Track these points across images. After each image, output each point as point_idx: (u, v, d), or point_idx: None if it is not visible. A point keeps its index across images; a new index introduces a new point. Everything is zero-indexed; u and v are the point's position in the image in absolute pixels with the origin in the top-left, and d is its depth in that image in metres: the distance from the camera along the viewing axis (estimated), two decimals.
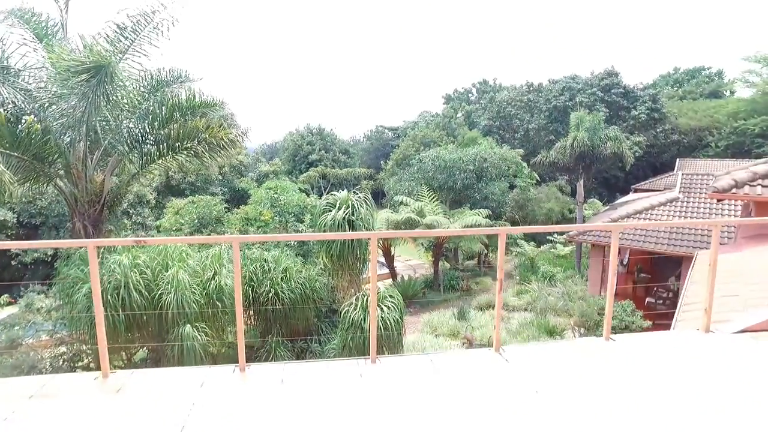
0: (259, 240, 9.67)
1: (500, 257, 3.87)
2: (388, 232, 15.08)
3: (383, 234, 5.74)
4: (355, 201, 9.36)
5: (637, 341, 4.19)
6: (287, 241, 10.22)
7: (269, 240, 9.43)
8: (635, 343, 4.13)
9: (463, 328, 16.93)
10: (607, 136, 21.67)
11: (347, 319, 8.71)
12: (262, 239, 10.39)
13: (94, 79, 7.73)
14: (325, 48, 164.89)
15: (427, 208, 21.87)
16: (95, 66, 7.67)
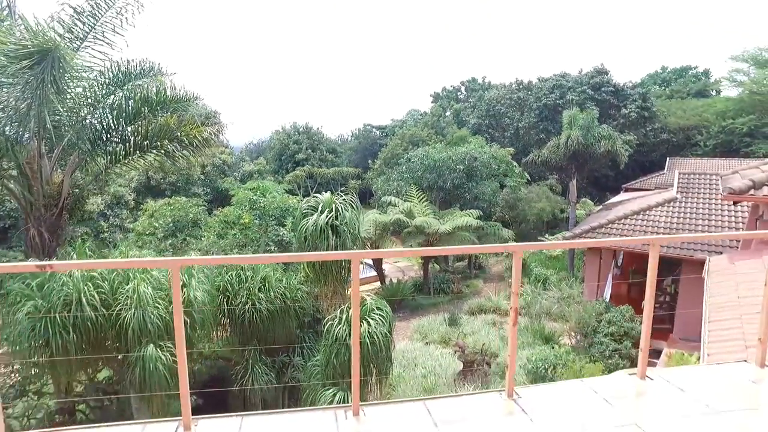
0: (204, 263, 7.69)
1: (515, 281, 3.11)
2: (371, 252, 14.18)
3: (365, 254, 4.68)
4: (340, 203, 8.56)
5: (681, 378, 3.45)
6: (247, 263, 9.20)
7: (217, 263, 7.49)
8: (680, 381, 3.39)
9: (454, 335, 16.23)
10: (601, 135, 21.14)
11: (331, 334, 7.91)
12: (209, 262, 7.43)
13: (39, 66, 6.84)
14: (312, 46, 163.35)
15: (417, 209, 21.14)
16: (39, 51, 6.79)
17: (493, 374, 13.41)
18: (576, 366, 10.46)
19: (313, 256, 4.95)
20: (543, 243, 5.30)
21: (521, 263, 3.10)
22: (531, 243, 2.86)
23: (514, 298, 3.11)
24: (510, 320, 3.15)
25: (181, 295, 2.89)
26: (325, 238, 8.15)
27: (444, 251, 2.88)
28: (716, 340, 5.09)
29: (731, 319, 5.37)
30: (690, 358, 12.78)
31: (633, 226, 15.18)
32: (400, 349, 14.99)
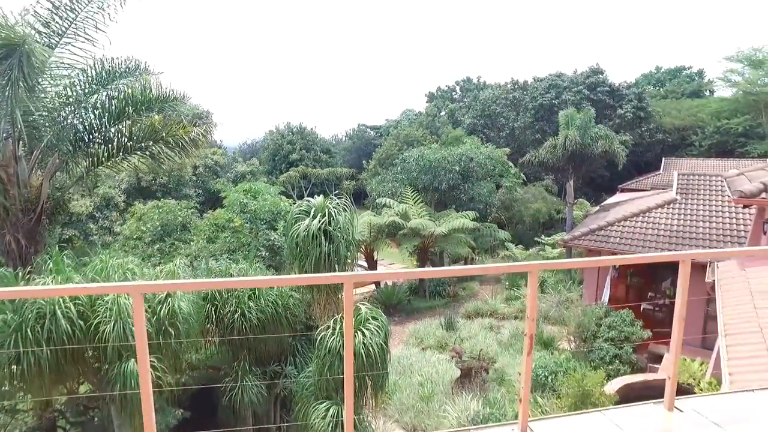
0: (171, 288, 6.66)
1: (531, 306, 2.74)
2: (364, 274, 13.77)
3: (359, 276, 4.27)
4: (333, 207, 8.17)
5: (715, 410, 3.09)
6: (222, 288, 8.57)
7: (187, 288, 6.66)
8: (714, 414, 3.04)
9: (451, 339, 15.87)
10: (598, 135, 20.86)
11: (324, 345, 7.53)
12: (175, 288, 6.39)
13: (6, 62, 6.41)
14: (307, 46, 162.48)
15: (412, 211, 20.78)
16: (6, 45, 6.35)
17: (492, 381, 13.08)
18: (578, 374, 10.12)
19: (303, 279, 4.47)
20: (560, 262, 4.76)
21: (537, 282, 2.73)
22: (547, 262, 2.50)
23: (530, 324, 2.74)
24: (524, 347, 2.78)
25: (143, 322, 2.49)
26: (317, 245, 7.76)
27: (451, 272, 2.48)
28: (737, 357, 4.75)
29: (751, 332, 5.05)
30: (692, 365, 12.50)
31: (633, 229, 14.91)
32: (396, 354, 14.62)
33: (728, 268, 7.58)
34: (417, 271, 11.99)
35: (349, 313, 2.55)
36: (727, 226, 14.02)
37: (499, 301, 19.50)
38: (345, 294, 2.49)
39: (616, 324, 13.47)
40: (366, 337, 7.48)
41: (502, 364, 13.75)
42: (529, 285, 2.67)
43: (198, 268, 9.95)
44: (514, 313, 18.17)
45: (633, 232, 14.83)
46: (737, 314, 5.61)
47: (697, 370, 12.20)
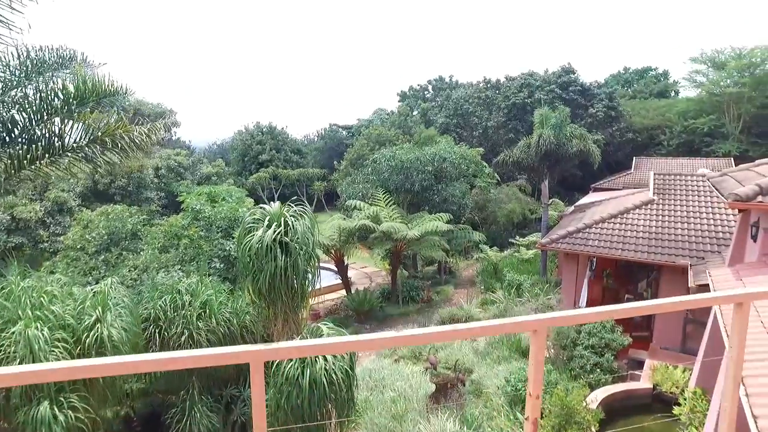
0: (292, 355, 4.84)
1: (534, 378, 1.92)
2: (279, 351, 12.65)
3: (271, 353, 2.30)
4: (291, 215, 7.26)
5: None
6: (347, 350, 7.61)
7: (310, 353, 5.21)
8: None
9: (425, 348, 15.11)
10: (573, 134, 20.44)
11: (280, 372, 6.62)
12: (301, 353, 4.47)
13: None
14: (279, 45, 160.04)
15: (383, 213, 19.95)
16: None
17: (469, 393, 12.36)
18: (560, 389, 9.46)
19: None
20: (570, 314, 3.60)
21: (544, 343, 1.90)
22: (556, 315, 1.81)
23: (533, 405, 1.91)
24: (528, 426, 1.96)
25: None
26: (272, 258, 6.85)
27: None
28: (760, 394, 4.07)
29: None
30: (675, 372, 12.04)
31: (612, 231, 14.42)
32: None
33: (722, 276, 6.99)
34: (406, 336, 11.04)
35: (260, 404, 1.67)
36: (705, 227, 13.67)
37: (475, 306, 18.86)
38: (252, 380, 1.61)
39: (596, 330, 12.94)
40: (328, 362, 6.60)
41: (479, 375, 13.05)
42: (533, 345, 1.85)
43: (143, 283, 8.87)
44: (491, 319, 17.55)
45: (611, 234, 14.34)
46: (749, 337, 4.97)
47: (680, 378, 11.75)
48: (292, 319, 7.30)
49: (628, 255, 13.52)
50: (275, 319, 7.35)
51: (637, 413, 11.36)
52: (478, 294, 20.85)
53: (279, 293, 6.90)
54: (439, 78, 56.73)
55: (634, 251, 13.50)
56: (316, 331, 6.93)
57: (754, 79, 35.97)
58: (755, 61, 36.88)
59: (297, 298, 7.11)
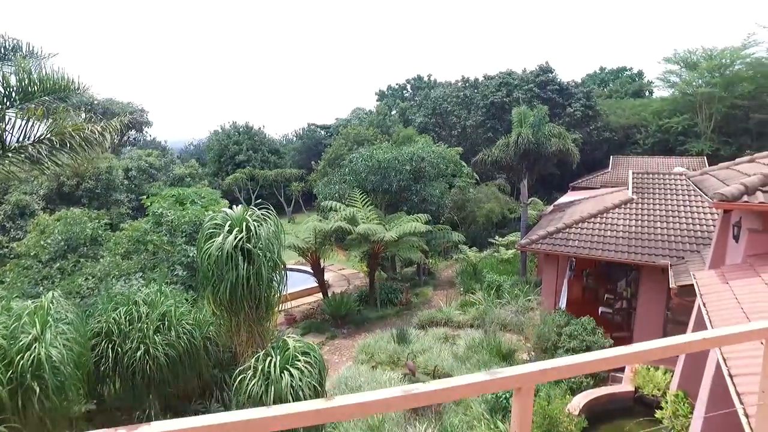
0: None
1: None
2: None
3: None
4: (254, 220, 6.73)
5: None
6: None
7: None
8: None
9: (404, 354, 14.69)
10: (551, 133, 20.27)
11: (242, 390, 6.10)
12: None
13: None
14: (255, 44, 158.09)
15: (360, 214, 19.47)
16: None
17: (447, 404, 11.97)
18: (541, 397, 9.14)
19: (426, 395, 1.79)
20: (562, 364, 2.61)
21: (531, 403, 1.45)
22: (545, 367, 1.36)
23: None
24: None
25: None
26: (233, 267, 6.32)
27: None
28: None
29: None
30: (656, 374, 11.86)
31: (591, 231, 14.21)
32: (344, 375, 13.29)
33: (707, 280, 6.72)
34: None
35: None
36: (684, 227, 13.55)
37: (454, 308, 18.51)
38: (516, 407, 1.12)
39: (577, 332, 12.71)
40: (295, 378, 6.11)
41: None
42: (514, 409, 1.40)
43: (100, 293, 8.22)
44: (470, 321, 17.22)
45: (591, 234, 14.13)
46: (742, 349, 4.65)
47: (662, 380, 11.57)
48: (257, 330, 6.78)
49: (609, 255, 13.31)
50: (238, 331, 6.82)
51: (620, 417, 11.14)
52: (457, 295, 20.52)
53: (241, 304, 6.38)
54: (417, 77, 56.47)
55: (615, 251, 13.30)
56: (283, 345, 6.43)
57: (725, 80, 36.55)
58: (725, 62, 37.50)
59: (262, 308, 6.59)
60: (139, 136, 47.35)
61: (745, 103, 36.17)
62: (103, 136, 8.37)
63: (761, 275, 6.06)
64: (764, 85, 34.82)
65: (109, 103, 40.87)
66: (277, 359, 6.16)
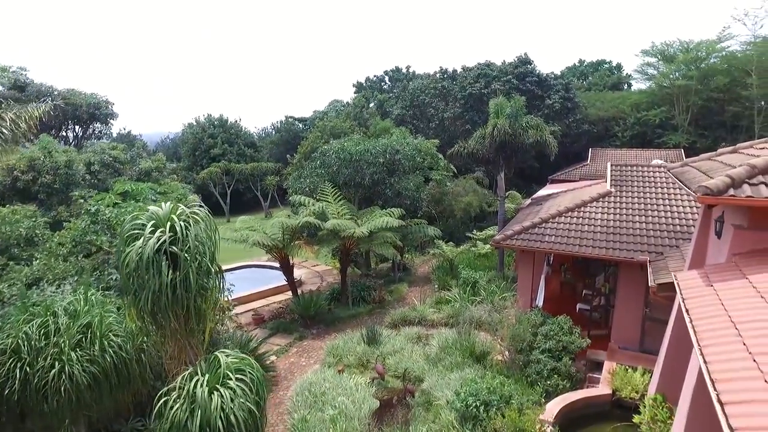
0: None
1: None
2: None
3: None
4: (184, 219, 5.88)
5: None
6: None
7: None
8: None
9: (374, 355, 13.96)
10: (529, 124, 19.66)
11: (166, 418, 5.28)
12: None
13: None
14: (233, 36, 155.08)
15: (331, 209, 18.63)
16: None
17: (418, 407, 11.29)
18: (514, 405, 8.49)
19: None
20: None
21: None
22: None
23: None
24: None
25: None
26: (156, 274, 5.48)
27: None
28: (739, 401, 3.09)
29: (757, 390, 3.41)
30: (634, 376, 11.33)
31: (568, 225, 13.63)
32: (308, 381, 12.50)
33: (690, 281, 6.09)
34: None
35: None
36: (663, 221, 13.05)
37: (429, 306, 17.85)
38: None
39: (554, 332, 12.11)
40: (226, 400, 5.30)
41: (430, 384, 11.98)
42: None
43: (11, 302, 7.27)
44: (445, 320, 16.58)
45: (568, 228, 13.55)
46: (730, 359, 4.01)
47: (640, 382, 11.04)
48: (188, 343, 5.95)
49: (586, 251, 12.74)
50: (165, 346, 5.99)
51: (597, 421, 10.60)
52: (432, 292, 19.88)
53: (167, 315, 5.56)
54: (395, 69, 55.56)
55: (592, 247, 12.73)
56: (214, 361, 5.61)
57: (701, 72, 36.57)
58: (701, 55, 37.50)
59: (192, 319, 5.77)
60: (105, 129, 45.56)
61: (721, 96, 36.25)
62: (16, 125, 7.38)
63: (748, 277, 5.45)
64: (738, 79, 34.86)
65: (71, 93, 39.09)
66: (205, 378, 5.34)
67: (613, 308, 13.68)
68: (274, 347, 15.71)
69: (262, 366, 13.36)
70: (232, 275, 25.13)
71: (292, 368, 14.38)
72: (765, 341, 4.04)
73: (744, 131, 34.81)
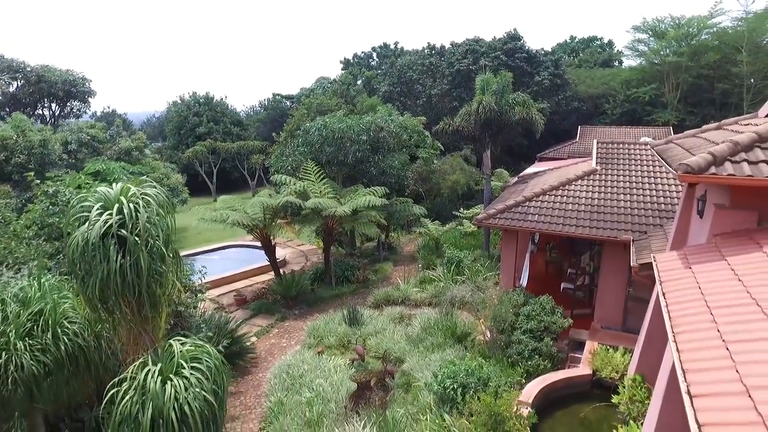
0: None
1: None
2: None
3: None
4: (134, 201, 5.49)
5: None
6: None
7: None
8: None
9: (355, 336, 13.78)
10: (515, 101, 19.24)
11: (117, 409, 5.01)
12: None
13: None
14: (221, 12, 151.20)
15: (313, 188, 18.24)
16: None
17: (398, 388, 11.14)
18: (492, 388, 8.33)
19: None
20: None
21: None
22: None
23: None
24: None
25: None
26: (103, 259, 5.13)
27: None
28: (708, 394, 2.86)
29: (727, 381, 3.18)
30: (615, 356, 11.24)
31: (552, 204, 13.38)
32: (286, 363, 12.31)
33: (669, 263, 5.86)
34: None
35: None
36: (648, 199, 12.85)
37: (413, 286, 17.66)
38: None
39: (535, 313, 11.96)
40: (179, 390, 5.02)
41: (411, 365, 11.84)
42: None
43: None
44: (428, 300, 16.41)
45: (552, 207, 13.29)
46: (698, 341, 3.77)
47: (620, 362, 10.96)
48: (143, 331, 5.64)
49: (569, 230, 12.52)
50: (117, 334, 5.68)
51: (577, 401, 10.53)
52: (417, 272, 19.70)
53: (117, 302, 5.23)
54: (383, 45, 54.47)
55: (576, 226, 12.51)
56: (168, 350, 5.32)
57: (691, 49, 36.22)
58: (692, 32, 37.12)
59: (146, 306, 5.45)
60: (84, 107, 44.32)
61: (711, 73, 36.00)
62: None
63: (727, 259, 5.22)
64: (729, 55, 34.54)
65: (45, 70, 37.78)
66: (157, 368, 5.05)
67: (597, 287, 13.56)
68: (255, 328, 15.49)
69: (241, 348, 13.24)
70: (218, 255, 24.86)
71: (272, 349, 14.19)
72: (739, 327, 3.81)
73: (733, 108, 34.63)
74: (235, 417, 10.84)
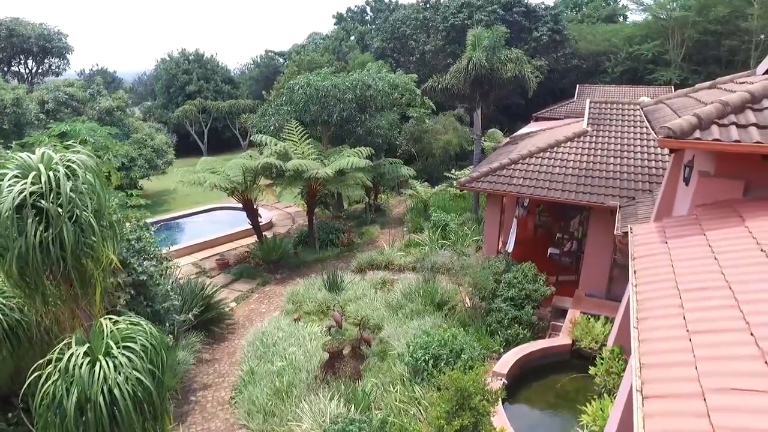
0: None
1: None
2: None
3: None
4: (57, 168, 4.97)
5: None
6: None
7: None
8: None
9: (333, 303, 13.50)
10: (508, 58, 18.32)
11: (42, 395, 4.67)
12: None
13: None
14: None
15: (296, 149, 17.61)
16: None
17: (374, 356, 10.94)
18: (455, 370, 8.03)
19: None
20: None
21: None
22: None
23: None
24: None
25: None
26: (18, 232, 4.66)
27: None
28: (661, 395, 2.49)
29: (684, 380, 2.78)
30: (596, 325, 10.98)
31: (539, 167, 12.81)
32: (261, 330, 12.07)
33: (645, 235, 5.41)
34: None
35: None
36: (638, 163, 12.29)
37: (397, 250, 17.32)
38: None
39: (517, 280, 11.63)
40: (111, 372, 4.66)
41: (389, 333, 11.61)
42: None
43: None
44: (412, 264, 16.09)
45: (539, 171, 12.73)
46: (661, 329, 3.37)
47: (600, 332, 10.72)
48: (75, 308, 5.25)
49: (555, 195, 12.03)
50: (43, 313, 5.28)
51: (555, 371, 10.35)
52: (403, 235, 19.33)
53: (40, 278, 4.81)
54: None
55: (562, 191, 12.01)
56: (98, 329, 4.93)
57: (700, 2, 34.56)
58: None
59: (76, 283, 5.04)
60: (63, 65, 42.71)
61: (718, 29, 34.51)
62: None
63: (706, 233, 4.76)
64: (739, 9, 32.97)
65: (15, 23, 36.00)
66: (82, 349, 4.68)
67: (583, 253, 13.20)
68: (235, 293, 15.23)
69: (218, 314, 12.99)
70: (204, 218, 24.46)
71: (251, 315, 13.95)
72: (705, 315, 3.38)
73: (739, 66, 33.37)
74: (208, 385, 10.67)
